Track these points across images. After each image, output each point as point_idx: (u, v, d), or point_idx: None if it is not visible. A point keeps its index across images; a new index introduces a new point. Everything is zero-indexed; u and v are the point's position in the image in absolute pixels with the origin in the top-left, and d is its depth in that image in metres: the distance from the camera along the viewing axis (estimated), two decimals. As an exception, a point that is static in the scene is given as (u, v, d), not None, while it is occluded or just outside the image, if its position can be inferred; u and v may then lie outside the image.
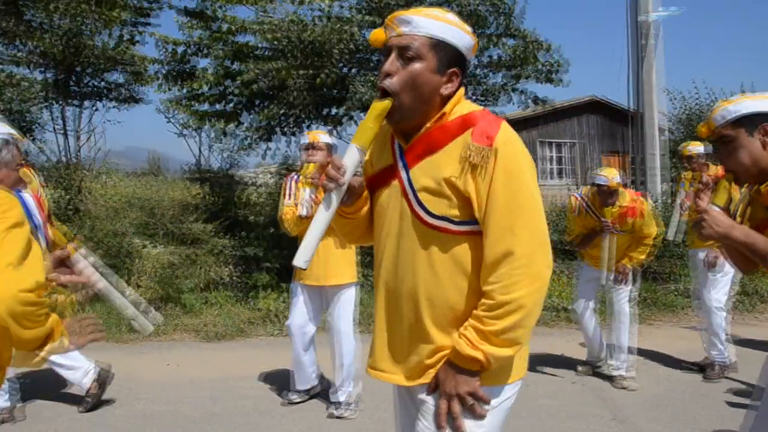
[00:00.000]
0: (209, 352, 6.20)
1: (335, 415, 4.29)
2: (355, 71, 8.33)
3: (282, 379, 4.88)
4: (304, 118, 8.89)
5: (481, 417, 1.69)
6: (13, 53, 9.86)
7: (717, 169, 5.27)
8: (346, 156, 1.74)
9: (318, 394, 4.65)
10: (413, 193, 1.74)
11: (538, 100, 8.90)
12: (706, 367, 5.20)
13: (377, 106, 1.73)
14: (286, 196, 4.35)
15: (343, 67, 8.24)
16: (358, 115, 8.36)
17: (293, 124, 9.08)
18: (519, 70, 8.42)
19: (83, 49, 9.43)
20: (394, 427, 2.01)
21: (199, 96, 8.85)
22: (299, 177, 4.37)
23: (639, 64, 10.56)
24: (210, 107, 9.21)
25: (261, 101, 8.60)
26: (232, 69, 8.67)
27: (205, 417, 4.37)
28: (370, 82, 7.71)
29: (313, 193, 4.14)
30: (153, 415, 4.43)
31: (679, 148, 5.90)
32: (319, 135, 4.37)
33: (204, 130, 10.52)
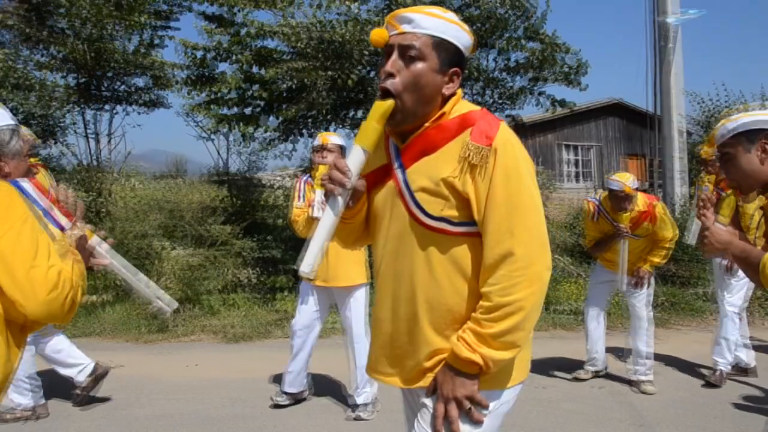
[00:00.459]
0: (230, 353, 6.26)
1: (353, 417, 4.31)
2: (375, 74, 8.36)
3: (302, 381, 4.91)
4: (323, 120, 8.94)
5: (478, 421, 1.66)
6: (36, 58, 10.02)
7: None
8: (351, 158, 1.71)
9: (304, 399, 4.62)
10: (410, 194, 1.70)
11: (558, 103, 8.87)
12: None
13: (380, 106, 1.69)
14: (296, 198, 4.34)
15: (363, 69, 8.28)
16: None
17: (312, 126, 9.14)
18: (539, 73, 8.41)
19: (105, 53, 9.57)
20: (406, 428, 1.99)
21: (219, 99, 8.93)
22: (309, 178, 4.39)
23: (659, 66, 10.49)
24: (230, 111, 9.30)
25: (281, 104, 8.66)
26: (254, 73, 8.75)
27: (227, 417, 4.41)
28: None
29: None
30: (174, 415, 4.48)
31: (697, 150, 5.85)
32: (330, 137, 4.36)
33: (224, 134, 10.62)
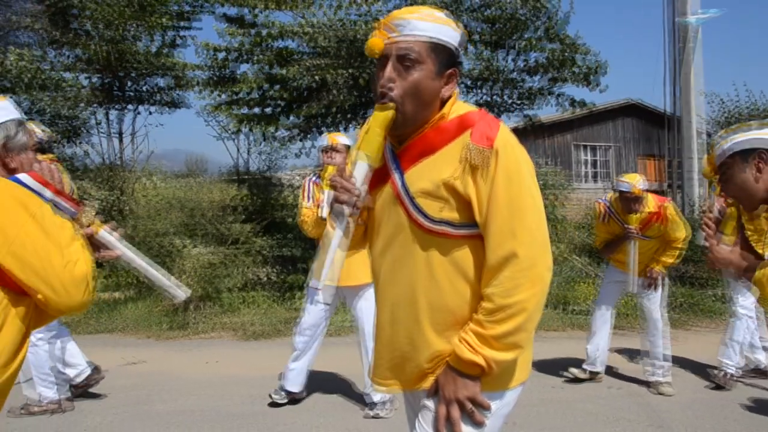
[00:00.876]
0: (248, 351, 6.34)
1: (371, 415, 4.35)
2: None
3: (320, 379, 4.97)
4: (341, 118, 9.00)
5: (480, 423, 1.65)
6: (62, 60, 10.20)
7: None
8: (357, 173, 1.68)
9: (302, 399, 4.66)
10: (409, 197, 1.68)
11: (576, 103, 8.86)
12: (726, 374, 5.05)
13: (381, 114, 1.67)
14: (305, 199, 4.37)
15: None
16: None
17: (331, 124, 9.19)
18: (558, 74, 8.41)
19: (128, 54, 9.72)
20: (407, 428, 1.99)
21: (239, 100, 9.02)
22: (316, 178, 4.42)
23: (677, 66, 10.43)
24: (250, 110, 9.38)
25: (301, 104, 8.73)
26: (274, 73, 8.84)
27: (246, 414, 4.48)
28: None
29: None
30: (194, 411, 4.56)
31: (708, 150, 5.82)
32: (338, 137, 4.38)
33: (243, 133, 10.72)
